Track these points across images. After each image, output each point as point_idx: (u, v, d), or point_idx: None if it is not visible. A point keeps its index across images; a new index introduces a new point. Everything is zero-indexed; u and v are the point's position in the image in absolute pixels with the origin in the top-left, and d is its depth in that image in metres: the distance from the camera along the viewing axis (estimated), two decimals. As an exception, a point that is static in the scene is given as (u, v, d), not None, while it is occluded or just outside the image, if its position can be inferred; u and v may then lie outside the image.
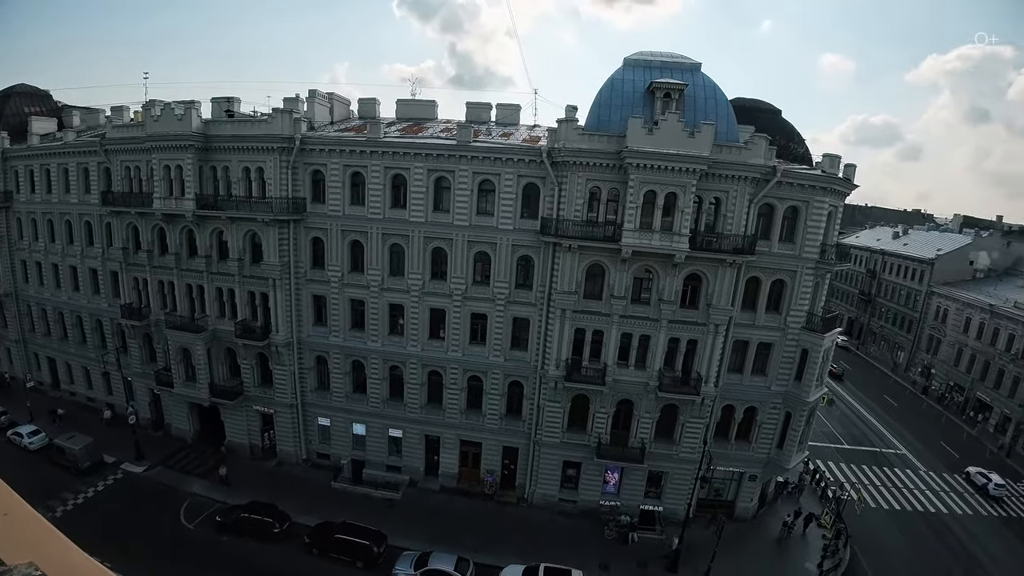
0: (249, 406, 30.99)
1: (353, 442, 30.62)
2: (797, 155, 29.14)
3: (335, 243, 27.43)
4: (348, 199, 26.91)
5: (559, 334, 25.77)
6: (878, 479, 36.60)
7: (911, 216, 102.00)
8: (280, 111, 26.18)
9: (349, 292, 28.09)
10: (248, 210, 26.76)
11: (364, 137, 26.31)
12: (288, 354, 29.21)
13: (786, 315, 25.75)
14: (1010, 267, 57.14)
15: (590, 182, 24.15)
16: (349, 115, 33.56)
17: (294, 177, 26.82)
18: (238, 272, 28.24)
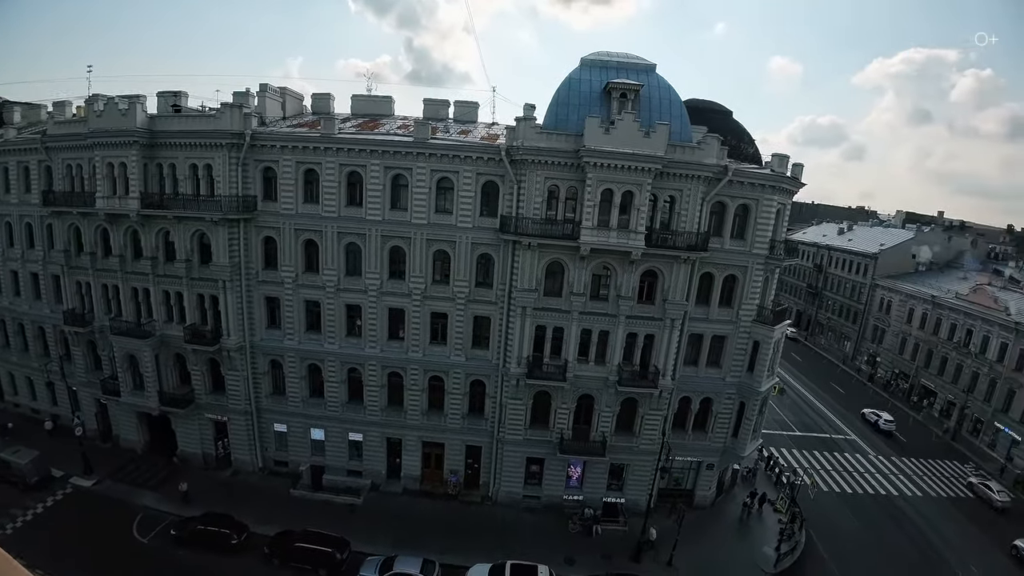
0: (201, 414, 29.74)
1: (312, 448, 29.79)
2: (747, 155, 30.17)
3: (288, 242, 26.59)
4: (301, 197, 26.12)
5: (520, 332, 25.82)
6: (829, 464, 38.36)
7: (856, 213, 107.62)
8: (229, 106, 25.22)
9: (304, 293, 27.29)
10: (196, 209, 25.65)
11: (318, 133, 25.59)
12: (240, 359, 28.15)
13: (738, 309, 26.63)
14: (951, 260, 60.88)
15: (549, 180, 24.27)
16: (302, 111, 32.64)
17: (244, 174, 25.84)
18: (186, 274, 27.05)
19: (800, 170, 26.92)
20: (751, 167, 27.02)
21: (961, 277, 54.08)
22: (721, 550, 26.90)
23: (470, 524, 27.03)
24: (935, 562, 28.28)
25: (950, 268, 58.72)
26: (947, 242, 62.77)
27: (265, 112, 28.66)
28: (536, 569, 22.91)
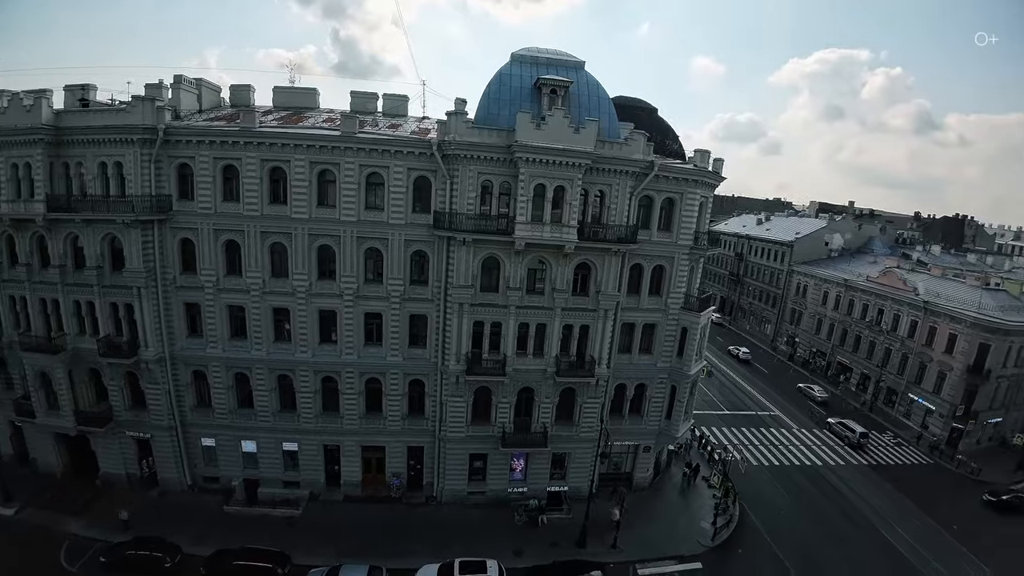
0: (122, 432, 27.46)
1: (244, 461, 28.22)
2: (672, 151, 31.54)
3: (207, 244, 24.95)
4: (220, 195, 24.54)
5: (458, 328, 25.68)
6: (757, 439, 41.00)
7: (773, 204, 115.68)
8: (141, 99, 23.38)
9: (226, 298, 25.71)
10: (106, 211, 23.67)
11: (237, 127, 24.12)
12: (160, 371, 26.18)
13: (667, 297, 27.86)
14: (861, 246, 66.49)
15: (482, 175, 24.24)
16: (220, 103, 30.71)
17: (158, 172, 24.01)
18: (97, 282, 24.91)
19: (721, 165, 28.44)
20: (676, 162, 28.28)
21: (871, 261, 59.26)
22: (662, 528, 28.15)
23: (416, 526, 26.66)
24: (858, 522, 30.97)
25: (861, 253, 64.21)
26: (858, 229, 68.63)
27: (180, 105, 26.77)
28: (485, 564, 22.95)
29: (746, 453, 37.66)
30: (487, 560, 23.24)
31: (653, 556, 26.03)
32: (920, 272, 52.01)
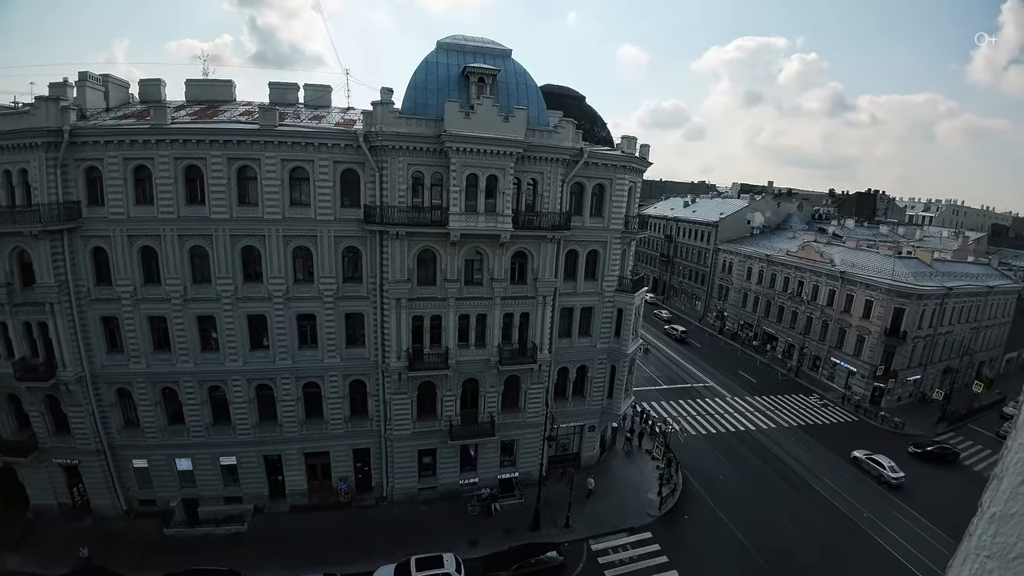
0: (48, 460, 25.24)
1: (180, 479, 26.58)
2: (601, 138, 32.43)
3: (121, 252, 23.15)
4: (132, 198, 22.83)
5: (397, 324, 25.34)
6: (693, 410, 43.28)
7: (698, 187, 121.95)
8: (44, 99, 21.48)
9: (145, 309, 23.98)
10: (12, 222, 21.65)
11: (148, 124, 22.50)
12: (82, 392, 24.15)
13: (601, 281, 28.81)
14: (781, 223, 71.03)
15: (412, 167, 23.92)
16: (129, 99, 28.46)
17: (64, 177, 22.08)
18: (8, 300, 22.78)
19: (648, 150, 29.62)
20: (604, 149, 29.13)
21: (791, 237, 63.53)
22: (611, 503, 29.28)
23: (369, 528, 26.24)
24: (793, 480, 33.48)
25: (781, 230, 68.70)
26: (777, 208, 73.35)
27: (86, 104, 24.72)
28: (442, 559, 22.98)
29: (684, 424, 39.70)
30: (443, 554, 23.29)
31: (605, 531, 27.10)
32: (836, 245, 56.50)
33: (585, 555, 25.50)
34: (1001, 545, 0.84)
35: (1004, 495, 0.85)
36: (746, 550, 26.35)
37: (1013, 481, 0.86)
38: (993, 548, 0.85)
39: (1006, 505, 0.85)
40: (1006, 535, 0.83)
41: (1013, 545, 0.82)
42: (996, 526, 0.86)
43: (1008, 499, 0.85)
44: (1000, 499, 0.87)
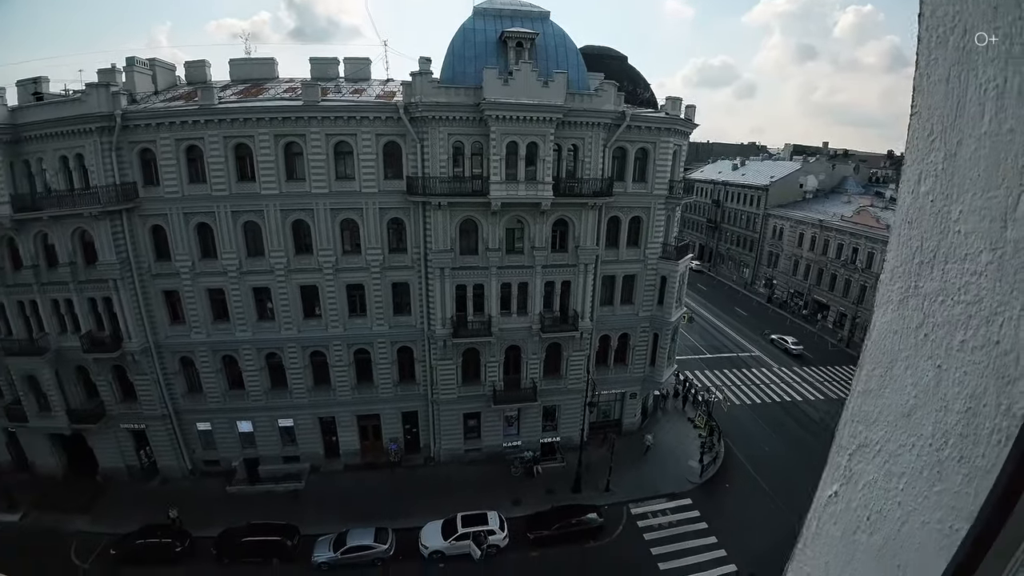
0: (116, 426, 27.43)
1: (241, 441, 28.58)
2: (644, 100, 31.35)
3: (178, 229, 24.41)
4: (186, 178, 23.87)
5: (441, 293, 25.86)
6: (738, 380, 42.46)
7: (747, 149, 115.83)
8: (95, 86, 22.39)
9: (204, 282, 25.38)
10: (72, 205, 22.96)
11: (196, 105, 23.26)
12: (147, 361, 26.04)
13: (644, 248, 28.24)
14: (835, 186, 67.03)
15: (452, 137, 23.92)
16: (176, 82, 29.47)
17: (120, 160, 23.18)
18: (72, 278, 24.31)
19: (693, 111, 28.36)
20: (647, 112, 28.17)
21: (845, 201, 59.91)
22: (652, 470, 29.49)
23: (417, 487, 27.56)
24: None
25: (835, 194, 64.87)
26: (831, 170, 69.10)
27: (135, 88, 25.61)
28: (486, 516, 23.98)
29: (728, 393, 39.12)
30: (488, 512, 24.26)
31: (645, 496, 27.42)
32: (893, 210, 52.62)
33: (625, 518, 25.97)
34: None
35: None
36: (788, 522, 26.09)
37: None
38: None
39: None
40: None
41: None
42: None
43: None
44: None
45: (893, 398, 0.78)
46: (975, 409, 0.66)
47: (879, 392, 0.81)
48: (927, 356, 0.73)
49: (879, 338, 0.82)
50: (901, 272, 0.78)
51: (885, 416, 0.80)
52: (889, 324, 0.80)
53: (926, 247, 0.73)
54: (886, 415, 0.80)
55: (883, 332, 0.81)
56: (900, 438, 0.77)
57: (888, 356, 0.79)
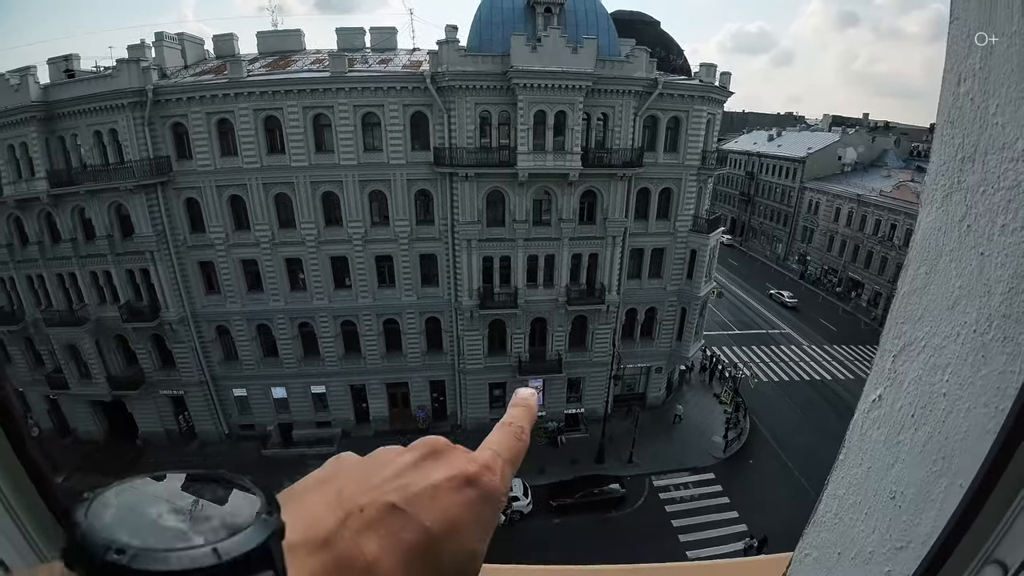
0: (156, 392, 28.79)
1: (275, 407, 29.72)
2: (677, 67, 30.26)
3: (212, 202, 24.96)
4: (218, 151, 24.29)
5: (468, 265, 25.98)
6: (767, 356, 41.80)
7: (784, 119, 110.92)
8: (126, 61, 22.72)
9: (237, 253, 26.05)
10: (107, 179, 23.67)
11: (225, 78, 23.51)
12: (184, 330, 27.07)
13: (675, 221, 27.64)
14: (875, 160, 63.98)
15: (479, 106, 23.64)
16: (204, 56, 29.73)
17: (153, 134, 23.67)
18: (110, 251, 25.21)
19: (728, 79, 27.29)
20: (680, 79, 27.18)
21: (885, 175, 57.18)
22: (675, 443, 29.59)
23: (443, 453, 28.31)
24: None
25: (874, 167, 61.92)
26: (871, 143, 65.86)
27: (165, 63, 25.92)
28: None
29: (756, 370, 38.58)
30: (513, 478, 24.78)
31: (667, 469, 27.58)
32: None
33: (647, 490, 26.23)
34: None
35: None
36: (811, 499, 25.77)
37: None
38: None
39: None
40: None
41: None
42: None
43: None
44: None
45: (938, 292, 0.81)
46: (1017, 288, 0.68)
47: (924, 290, 0.84)
48: (971, 246, 0.75)
49: (923, 237, 0.85)
50: (944, 170, 0.80)
51: (930, 312, 0.82)
52: (934, 222, 0.83)
53: (967, 143, 0.76)
54: (931, 310, 0.82)
55: (928, 231, 0.84)
56: (945, 330, 0.79)
57: (933, 253, 0.82)
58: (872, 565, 0.91)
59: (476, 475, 0.48)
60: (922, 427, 0.83)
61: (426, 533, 0.42)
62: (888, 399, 0.91)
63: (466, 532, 0.45)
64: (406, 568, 0.39)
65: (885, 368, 0.93)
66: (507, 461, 0.52)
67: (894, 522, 0.87)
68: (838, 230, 57.32)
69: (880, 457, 0.92)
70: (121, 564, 0.26)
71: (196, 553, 0.29)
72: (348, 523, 0.39)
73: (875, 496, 0.93)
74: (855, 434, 1.01)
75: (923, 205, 0.86)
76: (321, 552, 0.37)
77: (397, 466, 0.47)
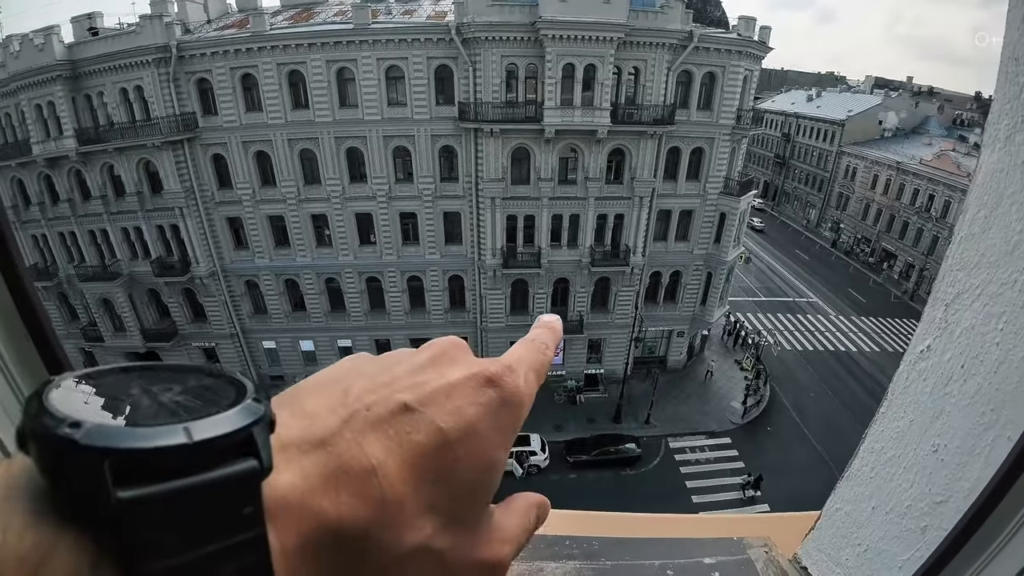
0: (188, 344, 29.95)
1: (304, 359, 30.74)
2: (714, 18, 28.64)
3: (238, 158, 25.16)
4: (243, 106, 24.28)
5: (491, 223, 25.85)
6: (792, 325, 41.12)
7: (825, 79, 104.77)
8: (149, 17, 22.70)
9: (264, 209, 26.39)
10: (135, 136, 23.98)
11: (248, 32, 23.24)
12: (215, 284, 27.85)
13: (705, 182, 26.77)
14: (917, 126, 60.47)
15: (505, 59, 22.94)
16: (227, 10, 29.27)
17: (178, 90, 23.75)
18: (140, 207, 25.80)
19: (768, 34, 25.80)
20: (718, 32, 25.83)
21: (926, 143, 54.17)
22: (693, 407, 29.73)
23: (464, 410, 29.11)
24: None
25: (916, 134, 58.63)
26: (914, 108, 62.06)
27: (187, 18, 25.61)
28: (529, 438, 25.14)
29: (780, 338, 38.07)
30: (530, 434, 25.40)
31: (684, 431, 27.83)
32: (976, 157, 47.40)
33: (663, 451, 26.57)
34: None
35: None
36: (827, 468, 25.76)
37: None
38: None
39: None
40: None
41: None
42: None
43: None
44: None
45: (997, 237, 0.77)
46: None
47: (982, 235, 0.81)
48: None
49: (984, 180, 0.81)
50: (1008, 109, 0.76)
51: (987, 257, 0.79)
52: (996, 163, 0.79)
53: None
54: (988, 256, 0.79)
55: (989, 172, 0.80)
56: (1003, 276, 0.76)
57: (995, 195, 0.79)
58: (908, 519, 0.90)
59: (498, 375, 0.42)
60: (972, 378, 0.80)
61: (440, 435, 0.36)
62: (937, 349, 0.88)
63: (484, 437, 0.39)
64: (414, 474, 0.35)
65: (936, 317, 0.89)
66: (531, 368, 0.47)
67: (935, 475, 0.85)
68: (874, 198, 54.97)
69: (924, 409, 0.90)
70: (73, 439, 0.22)
71: (163, 430, 0.25)
72: (352, 423, 0.35)
73: (916, 449, 0.90)
74: (899, 386, 0.99)
75: (985, 145, 0.81)
76: (317, 451, 0.33)
77: (411, 364, 0.43)
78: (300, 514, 0.30)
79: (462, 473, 0.37)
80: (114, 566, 0.23)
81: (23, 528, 0.22)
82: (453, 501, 0.37)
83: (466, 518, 0.39)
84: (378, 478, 0.33)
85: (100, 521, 0.23)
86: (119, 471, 0.23)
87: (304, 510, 0.30)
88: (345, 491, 0.32)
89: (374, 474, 0.33)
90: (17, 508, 0.23)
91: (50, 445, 0.23)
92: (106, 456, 0.23)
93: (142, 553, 0.23)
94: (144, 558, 0.23)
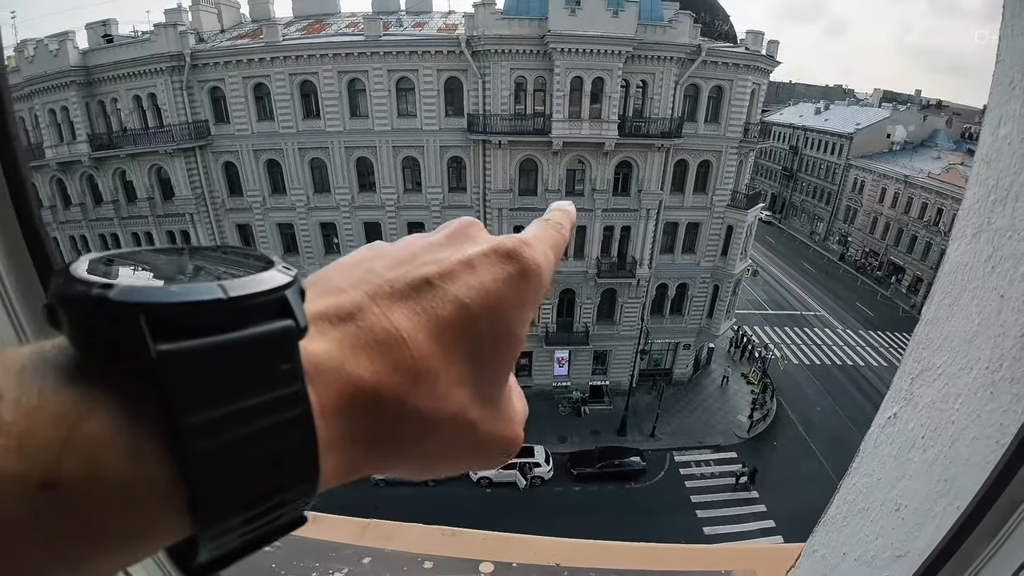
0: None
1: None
2: (722, 32, 28.76)
3: (249, 166, 25.55)
4: (255, 115, 24.72)
5: (498, 234, 25.71)
6: (799, 338, 40.84)
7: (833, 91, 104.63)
8: (163, 26, 23.19)
9: (274, 217, 26.74)
10: (147, 143, 24.39)
11: (261, 42, 23.70)
12: (224, 290, 28.25)
13: (712, 195, 26.84)
14: (926, 139, 60.22)
15: (515, 72, 23.21)
16: (241, 19, 29.85)
17: (191, 98, 24.22)
18: (151, 212, 26.23)
19: (776, 47, 26.01)
20: (725, 46, 25.95)
21: (935, 157, 53.92)
22: (699, 420, 29.54)
23: (468, 419, 29.16)
24: None
25: (924, 147, 58.38)
26: (922, 121, 61.82)
27: (201, 27, 26.20)
28: (532, 449, 25.09)
29: (787, 351, 37.81)
30: (534, 446, 25.36)
31: (689, 445, 27.65)
32: None
33: (668, 464, 26.35)
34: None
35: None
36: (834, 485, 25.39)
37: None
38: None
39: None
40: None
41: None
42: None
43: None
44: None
45: (958, 325, 0.84)
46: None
47: (946, 320, 0.87)
48: (992, 287, 0.77)
49: (950, 270, 0.87)
50: (976, 208, 0.81)
51: (949, 342, 0.86)
52: (961, 257, 0.84)
53: (1001, 185, 0.77)
54: (950, 341, 0.85)
55: (955, 264, 0.86)
56: (960, 362, 0.82)
57: (958, 287, 0.84)
58: (873, 568, 0.98)
59: (516, 248, 0.41)
60: (930, 448, 0.87)
61: (463, 309, 0.36)
62: (903, 418, 0.96)
63: (506, 310, 0.39)
64: (440, 346, 0.35)
65: (903, 388, 0.97)
66: (548, 245, 0.47)
67: (896, 531, 0.93)
68: (882, 211, 54.63)
69: (890, 470, 0.97)
70: (106, 297, 0.22)
71: (197, 286, 0.24)
72: (378, 298, 0.35)
73: (882, 505, 0.98)
74: (869, 445, 1.06)
75: (953, 239, 0.88)
76: (348, 323, 0.33)
77: (429, 243, 0.43)
78: (337, 376, 0.30)
79: (487, 346, 0.38)
80: (154, 423, 0.23)
81: (57, 388, 0.22)
82: (480, 375, 0.38)
83: (492, 394, 0.40)
84: (409, 349, 0.33)
85: (139, 377, 0.23)
86: (155, 329, 0.22)
87: (341, 374, 0.30)
88: (379, 360, 0.32)
89: (405, 344, 0.33)
90: (49, 372, 0.23)
91: (83, 306, 0.22)
92: (141, 311, 0.22)
93: (181, 408, 0.23)
94: (184, 412, 0.23)
